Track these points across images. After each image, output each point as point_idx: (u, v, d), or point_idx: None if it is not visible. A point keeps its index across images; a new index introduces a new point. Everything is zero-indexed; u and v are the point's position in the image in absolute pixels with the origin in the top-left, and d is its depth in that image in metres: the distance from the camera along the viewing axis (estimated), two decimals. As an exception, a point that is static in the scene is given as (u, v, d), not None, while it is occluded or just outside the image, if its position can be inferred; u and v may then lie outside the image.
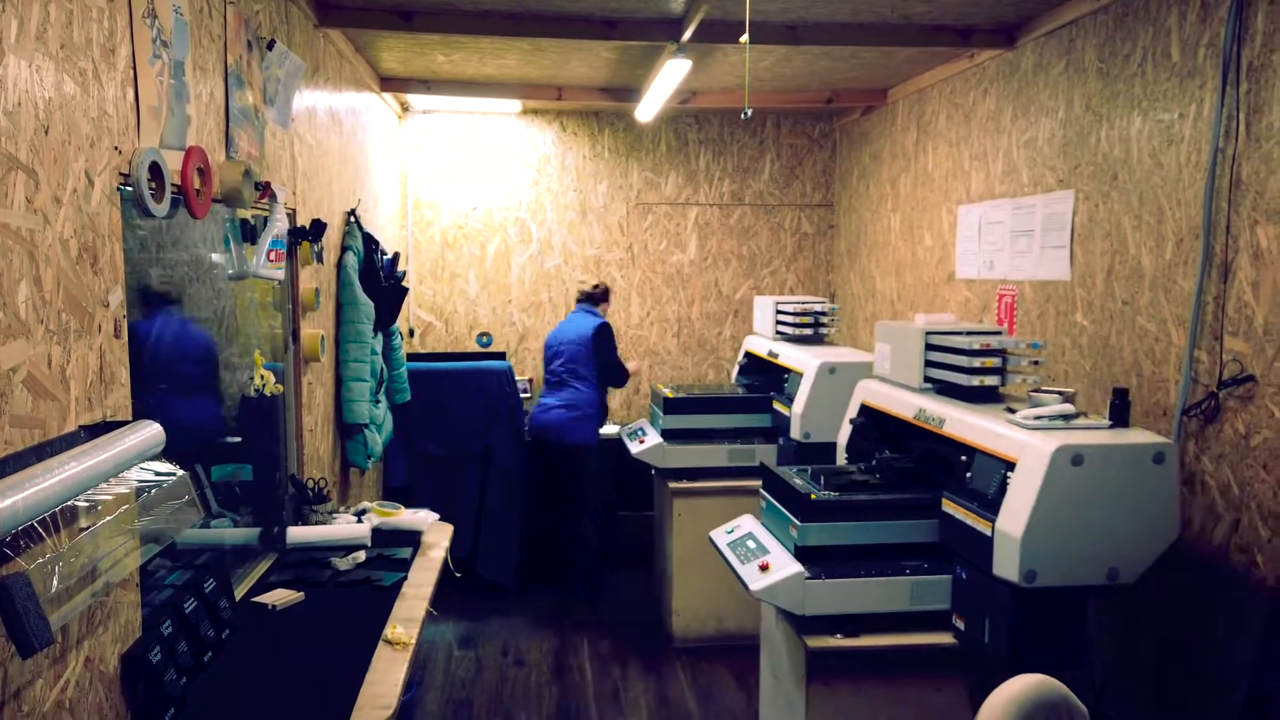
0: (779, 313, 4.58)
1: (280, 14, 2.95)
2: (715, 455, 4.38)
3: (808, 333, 4.45)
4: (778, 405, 4.29)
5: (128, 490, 1.65)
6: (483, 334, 5.72)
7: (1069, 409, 2.43)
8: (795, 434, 3.94)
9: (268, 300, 2.96)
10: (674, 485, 4.30)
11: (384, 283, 3.95)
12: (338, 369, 3.67)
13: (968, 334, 2.77)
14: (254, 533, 2.78)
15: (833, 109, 5.58)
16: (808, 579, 2.49)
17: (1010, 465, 2.33)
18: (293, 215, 3.06)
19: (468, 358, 5.37)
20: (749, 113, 3.50)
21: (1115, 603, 3.07)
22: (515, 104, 5.37)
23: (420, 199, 5.62)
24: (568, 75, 4.73)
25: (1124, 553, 2.29)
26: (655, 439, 4.45)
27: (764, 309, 4.75)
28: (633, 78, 4.76)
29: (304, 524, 2.99)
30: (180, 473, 1.79)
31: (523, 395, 5.49)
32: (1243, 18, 2.57)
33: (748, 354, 4.86)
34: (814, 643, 2.49)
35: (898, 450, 2.95)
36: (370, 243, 3.91)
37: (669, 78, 4.09)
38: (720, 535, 2.97)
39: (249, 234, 2.57)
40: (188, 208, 2.08)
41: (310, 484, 3.10)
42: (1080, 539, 2.25)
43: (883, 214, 5.17)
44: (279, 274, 2.68)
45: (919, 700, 2.55)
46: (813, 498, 2.57)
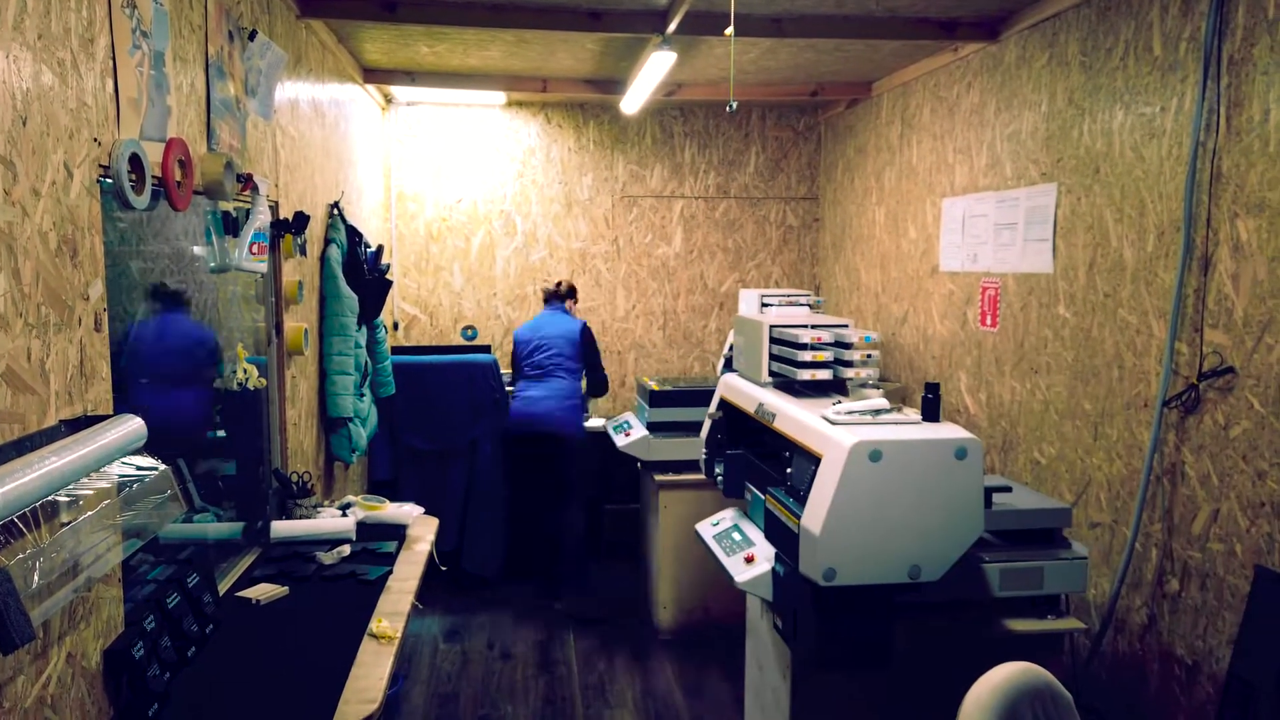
0: (764, 305, 4.58)
1: (261, 4, 2.92)
2: (700, 448, 4.38)
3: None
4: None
5: (109, 485, 1.64)
6: (468, 327, 5.71)
7: (881, 403, 2.39)
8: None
9: (250, 293, 2.94)
10: (659, 478, 4.31)
11: (368, 276, 3.93)
12: (322, 362, 3.65)
13: (803, 327, 2.72)
14: (237, 527, 2.77)
15: (818, 102, 5.58)
16: (792, 571, 2.50)
17: (818, 460, 2.29)
18: (275, 208, 3.04)
19: (453, 351, 5.35)
20: (734, 105, 3.50)
21: (1098, 593, 3.10)
22: (500, 96, 5.35)
23: (404, 191, 5.59)
24: (553, 67, 4.71)
25: (926, 550, 2.24)
26: (641, 432, 4.45)
27: (749, 301, 4.76)
28: (618, 70, 4.75)
29: (288, 518, 2.98)
30: (162, 467, 1.78)
31: (508, 389, 5.48)
32: (1223, 12, 2.59)
33: (733, 347, 4.86)
34: (799, 634, 2.50)
35: (753, 446, 2.92)
36: (354, 235, 3.89)
37: (654, 70, 4.08)
38: (706, 527, 2.98)
39: (231, 226, 2.55)
40: (169, 200, 2.06)
41: (294, 478, 3.08)
42: (880, 536, 2.20)
43: (867, 207, 5.18)
44: (261, 267, 2.66)
45: (906, 687, 2.56)
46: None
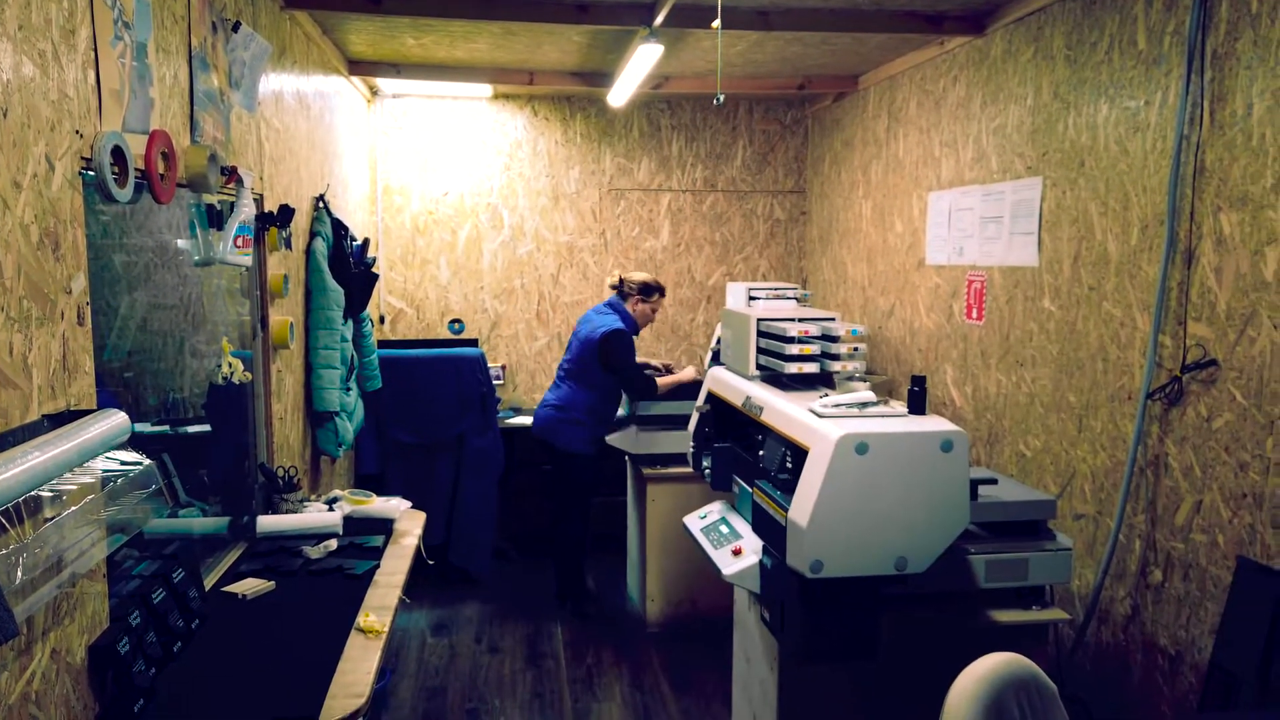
0: (751, 299, 4.59)
1: (245, -5, 2.90)
2: (688, 441, 4.38)
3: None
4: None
5: (93, 480, 1.62)
6: (455, 320, 5.69)
7: (869, 396, 2.40)
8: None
9: (235, 287, 2.92)
10: (647, 471, 4.31)
11: (354, 269, 3.91)
12: (307, 356, 3.63)
13: (789, 320, 2.72)
14: (223, 522, 2.76)
15: (805, 95, 5.58)
16: (780, 563, 2.51)
17: (806, 453, 2.30)
18: (260, 200, 3.02)
19: (440, 344, 5.33)
20: (721, 99, 3.50)
21: (1082, 584, 3.13)
22: (486, 88, 5.33)
23: (390, 184, 5.57)
24: (539, 60, 4.69)
25: (913, 542, 2.25)
26: (628, 425, 4.45)
27: (736, 294, 4.76)
28: (605, 62, 4.74)
29: (274, 513, 2.97)
30: (147, 462, 1.77)
31: (496, 382, 5.47)
32: (1207, 6, 2.60)
33: (720, 340, 4.86)
34: (786, 626, 2.51)
35: (740, 439, 2.93)
36: (339, 228, 3.87)
37: (641, 63, 4.07)
38: (693, 520, 2.99)
39: (215, 219, 2.53)
40: (152, 192, 2.04)
41: (280, 472, 3.07)
42: (867, 528, 2.21)
43: (854, 200, 5.19)
44: (246, 260, 2.64)
45: (891, 679, 2.58)
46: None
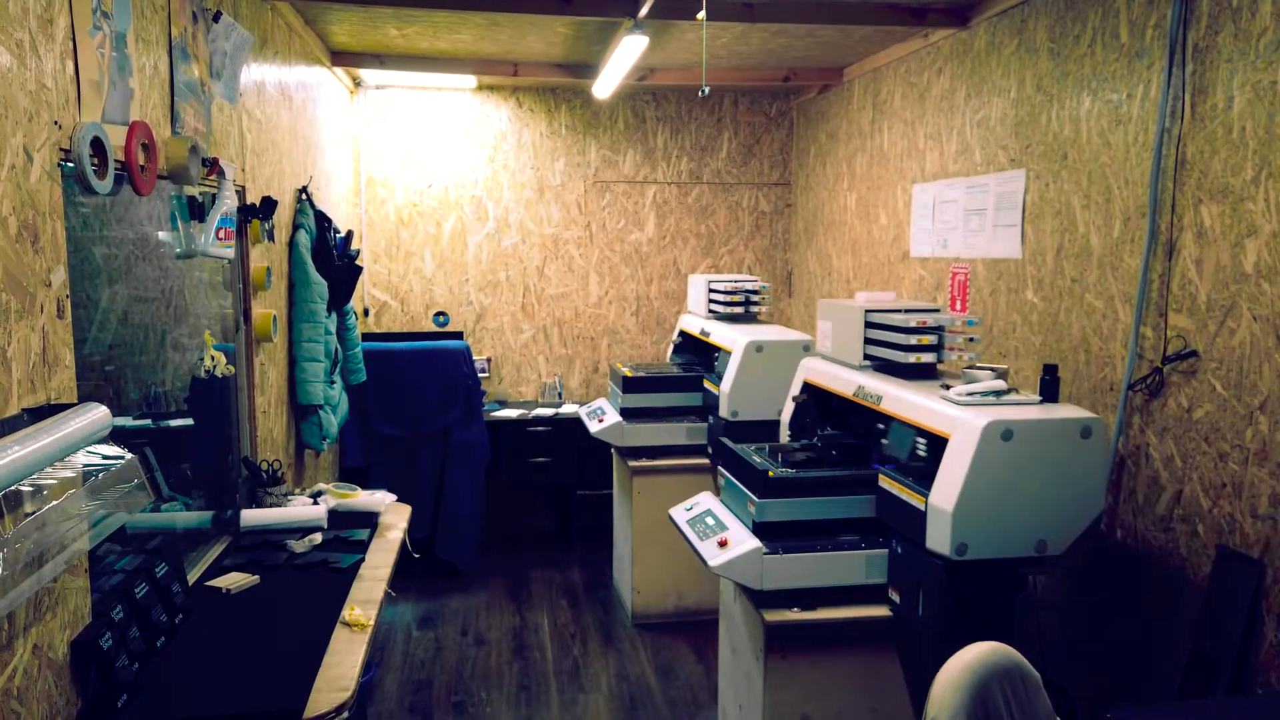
0: (711, 291, 4.61)
1: (226, -15, 2.87)
2: (674, 434, 4.40)
3: (739, 311, 4.48)
4: (708, 384, 4.32)
5: (74, 474, 1.61)
6: (439, 313, 5.67)
7: (1000, 385, 2.47)
8: (723, 412, 3.98)
9: (217, 279, 2.90)
10: (633, 464, 4.32)
11: (337, 261, 3.89)
12: (291, 349, 3.61)
13: (905, 312, 2.79)
14: (206, 516, 2.74)
15: (790, 87, 5.59)
16: (765, 554, 2.52)
17: (944, 441, 2.36)
18: (242, 193, 2.99)
19: (424, 337, 5.32)
20: (706, 91, 3.49)
21: (1063, 573, 3.16)
22: (470, 80, 5.30)
23: (374, 176, 5.53)
24: (524, 51, 4.67)
25: (1052, 525, 2.34)
26: (614, 418, 4.46)
27: (697, 287, 4.77)
28: (590, 54, 4.72)
29: (258, 506, 2.95)
30: (129, 456, 1.75)
31: (481, 375, 5.46)
32: (1189, 0, 2.62)
33: (682, 332, 4.89)
34: (771, 616, 2.52)
35: (839, 427, 2.98)
36: (323, 220, 3.85)
37: (626, 55, 4.06)
38: (680, 513, 2.99)
39: (197, 211, 2.51)
40: (132, 184, 2.03)
41: (264, 466, 3.05)
42: (1010, 512, 2.29)
43: (839, 193, 5.20)
44: (228, 253, 2.62)
45: (874, 670, 2.60)
46: (771, 475, 2.60)
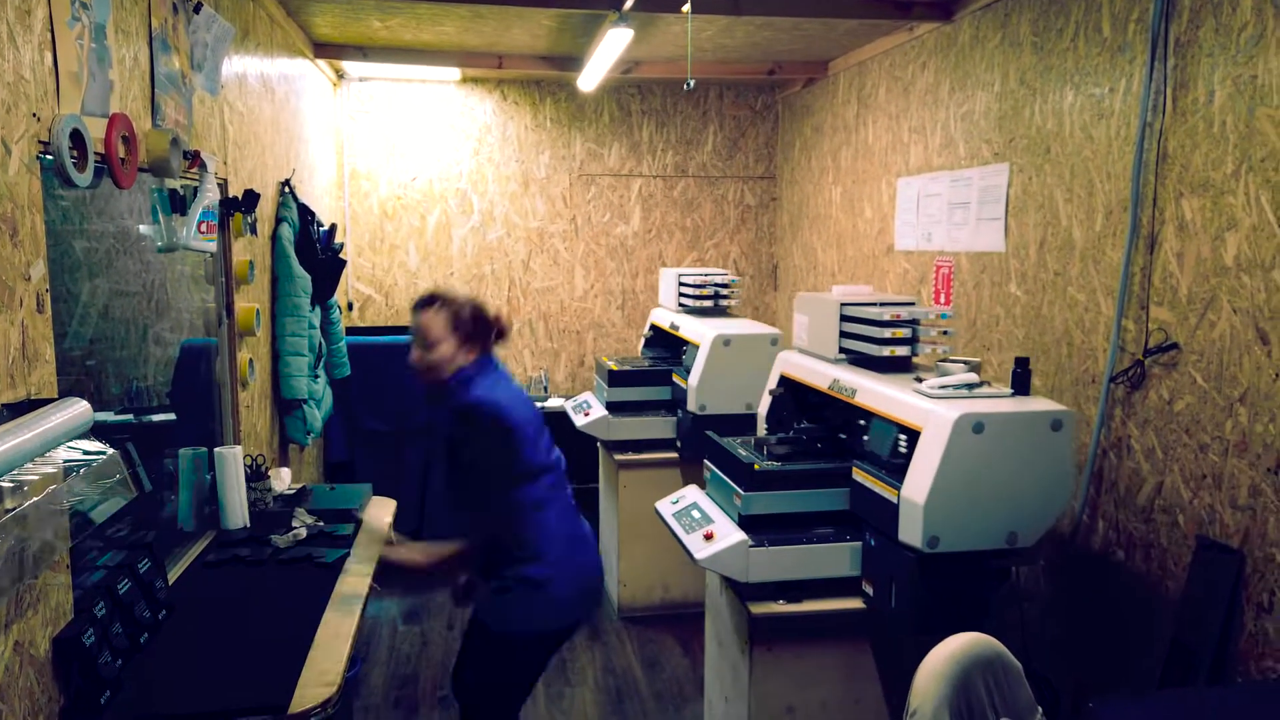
0: (681, 284, 4.61)
1: (207, -24, 2.84)
2: (660, 427, 4.40)
3: (708, 304, 4.49)
4: (676, 378, 4.32)
5: (55, 470, 1.60)
6: (424, 307, 5.64)
7: (973, 378, 2.48)
8: (691, 406, 3.98)
9: (199, 273, 2.88)
10: (619, 457, 4.32)
11: (321, 255, 3.86)
12: (274, 343, 3.59)
13: (880, 305, 2.79)
14: (190, 511, 2.72)
15: (775, 81, 5.59)
16: (751, 547, 2.53)
17: (916, 434, 2.37)
18: (224, 185, 2.97)
19: (409, 331, 5.29)
20: (692, 84, 3.49)
21: (1046, 564, 3.18)
22: (454, 72, 5.27)
23: (357, 169, 5.50)
24: (508, 43, 4.65)
25: (1023, 517, 2.35)
26: (600, 411, 4.45)
27: (668, 280, 4.77)
28: (575, 47, 4.71)
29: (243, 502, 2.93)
30: (110, 451, 1.74)
31: (466, 369, 5.44)
32: (1170, -6, 2.64)
33: (653, 326, 4.89)
34: (757, 609, 2.53)
35: (816, 421, 2.99)
36: (306, 214, 3.82)
37: (611, 47, 4.05)
38: (666, 506, 3.00)
39: (178, 205, 2.49)
40: (113, 177, 2.01)
41: (248, 461, 3.03)
42: (981, 504, 2.30)
43: (824, 186, 5.21)
44: (210, 246, 2.60)
45: (859, 662, 2.62)
46: (756, 468, 2.61)
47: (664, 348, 4.80)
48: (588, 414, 4.50)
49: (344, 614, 2.25)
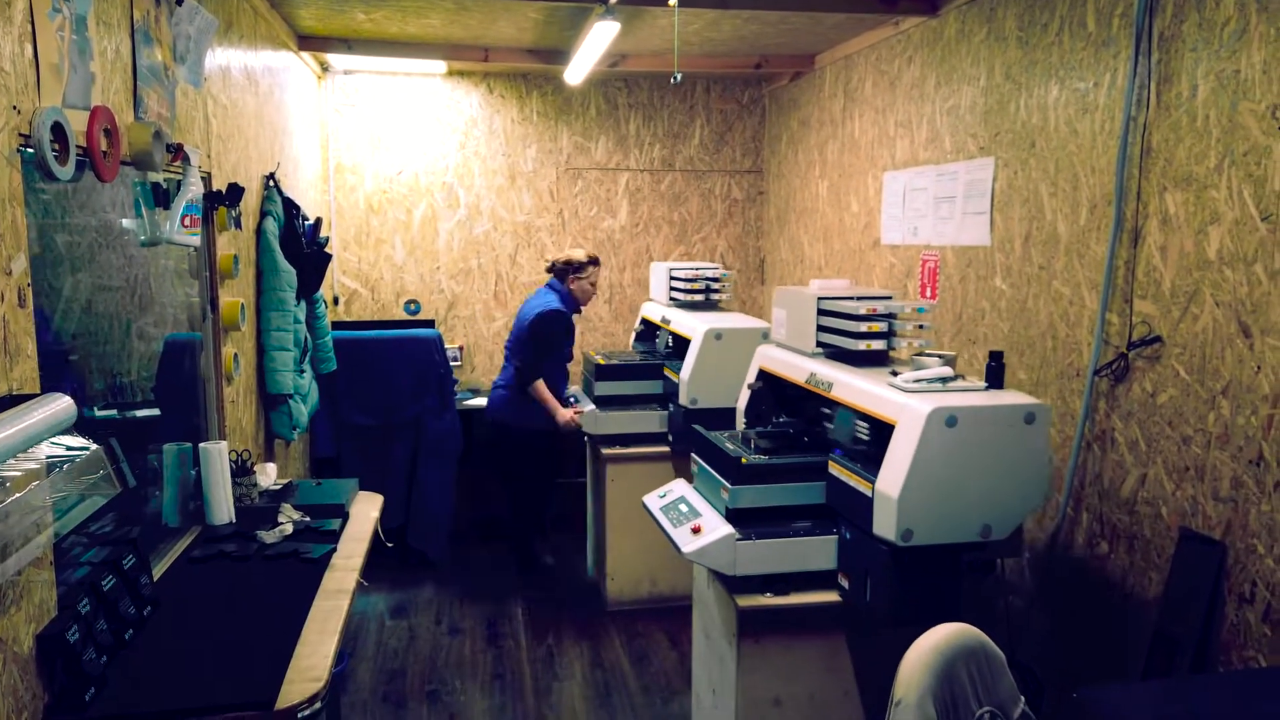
0: (672, 279, 4.61)
1: (190, -33, 2.82)
2: (647, 421, 4.40)
3: (699, 299, 4.50)
4: (668, 372, 4.33)
5: (38, 466, 1.59)
6: (410, 301, 5.63)
7: (947, 372, 2.48)
8: (683, 400, 3.99)
9: (183, 267, 2.86)
10: (607, 451, 4.32)
11: (306, 249, 3.84)
12: (260, 338, 3.57)
13: (857, 299, 2.80)
14: (174, 506, 2.71)
15: (762, 75, 5.59)
16: (738, 540, 2.54)
17: (890, 427, 2.37)
18: (208, 179, 2.95)
19: (395, 326, 5.27)
20: (679, 77, 3.48)
21: (1031, 556, 3.20)
22: (440, 65, 5.25)
23: (343, 162, 5.47)
24: (494, 36, 4.63)
25: (997, 511, 2.36)
26: (588, 406, 4.45)
27: (658, 274, 4.77)
28: (561, 40, 4.69)
29: (229, 497, 2.92)
30: (94, 447, 1.73)
31: (453, 364, 5.43)
32: (1154, -11, 2.65)
33: (644, 320, 4.89)
34: (744, 602, 2.54)
35: (794, 414, 3.00)
36: (291, 208, 3.80)
37: (597, 40, 4.04)
38: (653, 500, 3.00)
39: (161, 198, 2.46)
40: (94, 170, 1.99)
41: (233, 456, 3.02)
42: (955, 498, 2.31)
43: (811, 180, 5.22)
44: (194, 240, 2.58)
45: (845, 654, 2.63)
46: (744, 461, 2.61)
47: (654, 341, 4.81)
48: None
49: (331, 609, 2.25)
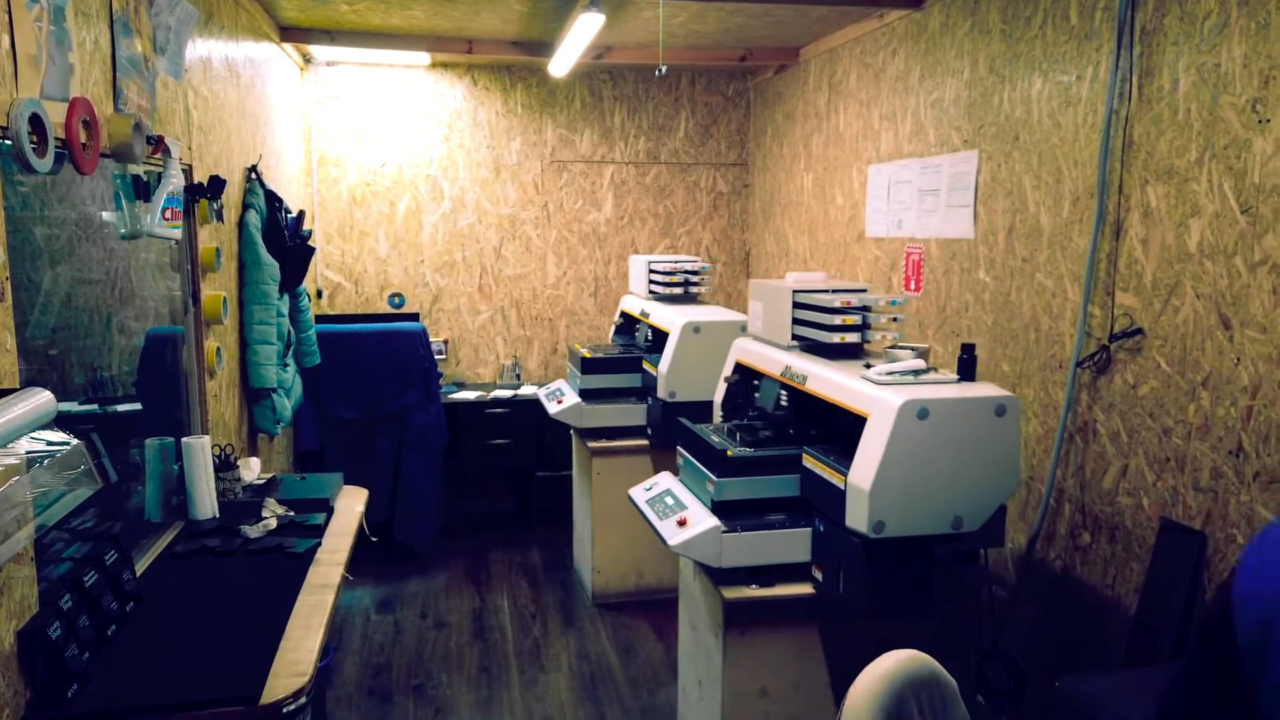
0: (651, 272, 4.61)
1: (169, -43, 2.79)
2: (633, 414, 4.41)
3: (678, 292, 4.50)
4: (647, 365, 4.33)
5: (17, 461, 1.57)
6: (395, 295, 5.61)
7: (920, 364, 2.50)
8: (661, 393, 3.99)
9: (164, 261, 2.83)
10: (592, 444, 4.32)
11: (289, 242, 3.82)
12: (242, 332, 3.54)
13: (831, 292, 2.81)
14: (157, 502, 2.69)
15: (747, 67, 5.58)
16: (724, 533, 2.54)
17: (863, 420, 2.38)
18: (189, 171, 2.92)
19: (380, 319, 5.25)
20: (664, 70, 3.47)
21: (1014, 547, 3.23)
22: (424, 57, 5.22)
23: (326, 155, 5.43)
24: (478, 28, 4.61)
25: (968, 502, 2.37)
26: (573, 399, 4.45)
27: (638, 267, 4.77)
28: (546, 31, 4.67)
29: (211, 492, 2.90)
30: (75, 441, 1.71)
31: (438, 357, 5.41)
32: (1136, -17, 2.66)
33: (623, 313, 4.88)
34: (730, 593, 2.55)
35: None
36: (273, 200, 3.77)
37: (582, 32, 4.03)
38: (639, 493, 3.00)
39: (142, 191, 2.44)
40: (74, 163, 1.97)
41: (216, 451, 3.00)
42: (926, 490, 2.32)
43: (796, 173, 5.22)
44: (175, 233, 2.56)
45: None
46: (729, 454, 2.62)
47: (633, 334, 4.80)
48: (561, 401, 4.50)
49: (315, 604, 2.24)
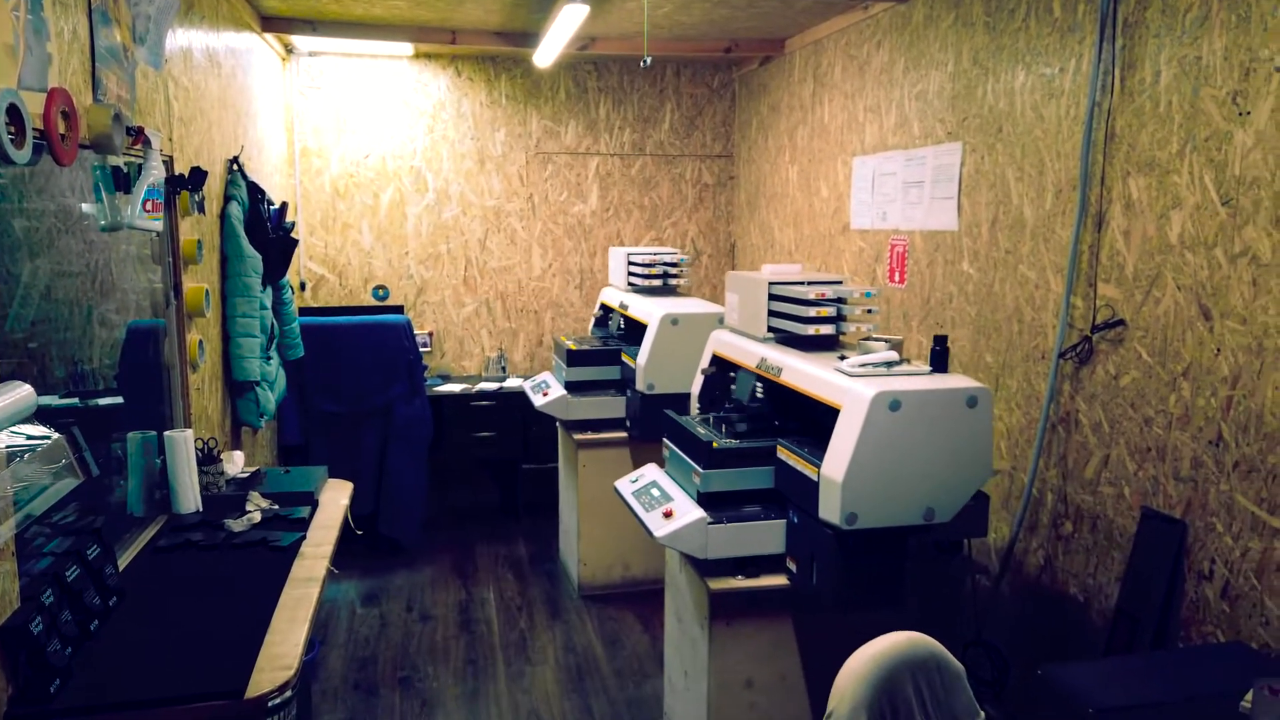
0: (630, 264, 4.60)
1: (148, -55, 2.75)
2: (619, 406, 4.41)
3: (657, 284, 4.50)
4: (625, 357, 4.33)
5: (-3, 455, 1.56)
6: (379, 287, 5.58)
7: (893, 356, 2.51)
8: (640, 385, 4.00)
9: (145, 253, 2.81)
10: (578, 436, 4.31)
11: (272, 234, 3.79)
12: (225, 325, 3.52)
13: (806, 284, 2.81)
14: (139, 496, 2.67)
15: (732, 59, 5.58)
16: (710, 524, 2.55)
17: (836, 412, 2.39)
18: (169, 163, 2.89)
19: (364, 312, 5.23)
20: (648, 61, 3.46)
21: (997, 536, 3.25)
22: (407, 47, 5.18)
23: (308, 146, 5.39)
24: (462, 18, 4.58)
25: (940, 494, 2.38)
26: (559, 391, 4.44)
27: (617, 259, 4.76)
28: (530, 22, 4.65)
29: (195, 486, 2.88)
30: (56, 436, 1.70)
31: (423, 349, 5.39)
32: (1119, -25, 2.67)
33: (603, 305, 4.88)
34: (716, 584, 2.56)
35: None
36: (256, 192, 3.75)
37: (567, 23, 4.01)
38: (625, 484, 3.01)
39: (122, 182, 2.41)
40: (52, 154, 1.94)
41: (199, 444, 2.98)
42: (898, 481, 2.33)
43: (781, 165, 5.23)
44: (156, 225, 2.54)
45: (811, 635, 2.65)
46: (715, 446, 2.62)
47: (612, 326, 4.80)
48: (546, 394, 4.49)
49: (300, 597, 2.23)
